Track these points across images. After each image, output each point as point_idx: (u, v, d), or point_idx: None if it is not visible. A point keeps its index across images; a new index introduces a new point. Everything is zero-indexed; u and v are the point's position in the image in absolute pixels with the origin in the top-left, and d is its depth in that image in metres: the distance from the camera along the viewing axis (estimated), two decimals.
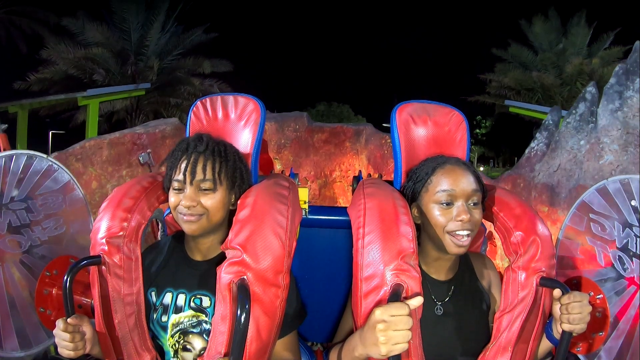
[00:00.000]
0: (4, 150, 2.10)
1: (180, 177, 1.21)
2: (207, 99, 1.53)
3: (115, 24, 12.10)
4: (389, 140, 5.33)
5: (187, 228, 1.21)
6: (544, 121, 4.51)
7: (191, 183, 1.20)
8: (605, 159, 3.57)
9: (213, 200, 1.21)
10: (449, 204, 1.20)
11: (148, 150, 4.71)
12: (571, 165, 3.76)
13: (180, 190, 1.22)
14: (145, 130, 4.92)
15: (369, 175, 1.64)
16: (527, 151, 4.39)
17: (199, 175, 1.20)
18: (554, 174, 3.87)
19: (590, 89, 4.00)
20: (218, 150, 1.26)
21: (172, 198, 1.23)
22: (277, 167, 5.28)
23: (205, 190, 1.21)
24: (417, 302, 1.00)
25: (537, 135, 4.37)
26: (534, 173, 4.08)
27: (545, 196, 3.93)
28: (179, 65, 12.74)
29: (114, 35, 11.97)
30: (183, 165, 1.21)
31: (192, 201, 1.19)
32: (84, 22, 11.62)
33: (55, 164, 1.90)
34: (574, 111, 4.01)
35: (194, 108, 1.53)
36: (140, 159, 4.65)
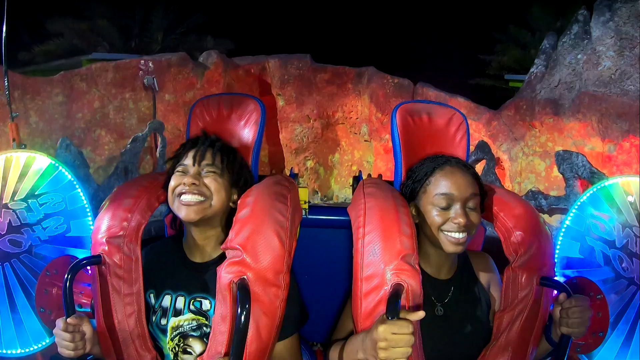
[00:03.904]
0: (14, 140, 2.09)
1: (187, 161, 1.23)
2: (208, 99, 1.54)
3: (119, 1, 12.14)
4: (391, 80, 5.29)
5: (184, 213, 1.20)
6: (540, 46, 4.65)
7: (199, 164, 1.22)
8: (604, 65, 3.73)
9: (216, 183, 1.22)
10: (447, 207, 1.20)
11: (153, 75, 4.76)
12: (571, 78, 3.91)
13: (183, 173, 1.23)
14: (152, 58, 5.00)
15: (369, 175, 1.64)
16: (526, 77, 4.52)
17: (208, 160, 1.22)
18: (555, 89, 4.01)
19: (582, 11, 4.26)
20: (226, 147, 1.30)
21: (173, 181, 1.23)
22: (280, 103, 5.24)
23: (210, 172, 1.22)
24: (419, 316, 0.99)
25: (536, 60, 4.52)
26: (535, 92, 4.21)
27: (549, 109, 4.03)
28: (182, 42, 12.78)
29: (118, 12, 12.02)
30: (192, 153, 1.24)
31: (194, 179, 1.19)
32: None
33: (56, 163, 1.90)
34: (568, 32, 4.26)
35: (195, 107, 1.53)
36: (145, 81, 4.70)
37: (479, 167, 3.62)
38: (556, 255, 1.79)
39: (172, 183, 1.23)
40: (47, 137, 4.36)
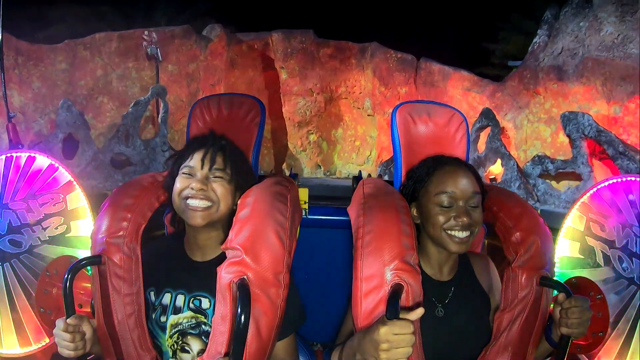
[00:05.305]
0: (11, 140, 2.09)
1: (194, 163, 1.21)
2: (208, 99, 1.54)
3: None
4: (394, 55, 5.28)
5: (191, 217, 1.20)
6: (543, 17, 4.69)
7: (210, 169, 1.20)
8: (606, 31, 3.78)
9: (224, 189, 1.21)
10: (449, 206, 1.20)
11: (156, 46, 4.77)
12: (574, 45, 3.96)
13: (190, 175, 1.22)
14: (156, 29, 5.02)
15: (369, 175, 1.64)
16: (530, 48, 4.55)
17: (219, 165, 1.21)
18: (559, 56, 4.06)
19: None
20: (236, 151, 1.29)
21: (179, 183, 1.22)
22: (283, 76, 5.23)
23: (218, 177, 1.21)
24: (419, 313, 0.99)
25: (539, 31, 4.56)
26: (539, 61, 4.26)
27: (553, 75, 4.07)
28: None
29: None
30: (199, 155, 1.22)
31: (203, 184, 1.19)
32: None
33: (56, 163, 1.90)
34: (570, 1, 4.36)
35: (195, 107, 1.54)
36: (148, 50, 4.71)
37: (484, 135, 3.59)
38: (556, 255, 1.79)
39: (177, 185, 1.22)
40: (49, 102, 4.36)
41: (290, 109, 5.40)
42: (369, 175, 1.63)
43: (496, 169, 3.50)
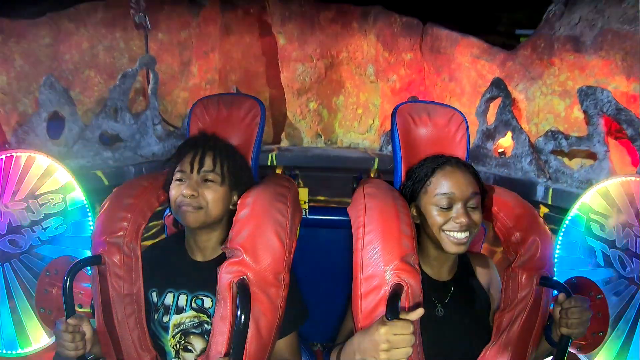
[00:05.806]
0: None
1: (185, 167, 1.21)
2: (208, 99, 1.54)
3: None
4: (399, 19, 5.18)
5: (184, 219, 1.20)
6: None
7: (198, 172, 1.20)
8: (627, 2, 3.53)
9: (214, 194, 1.21)
10: (448, 207, 1.20)
11: (145, 13, 4.62)
12: (593, 15, 3.72)
13: (182, 181, 1.22)
14: None
15: (375, 173, 1.64)
16: (544, 16, 4.35)
17: (208, 167, 1.21)
18: (576, 26, 3.82)
19: None
20: (226, 149, 1.27)
21: (173, 190, 1.22)
22: (281, 42, 5.12)
23: (208, 181, 1.21)
24: (419, 313, 0.99)
25: None
26: (554, 30, 4.03)
27: (569, 45, 3.86)
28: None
29: None
30: (189, 158, 1.22)
31: (193, 190, 1.18)
32: None
33: (56, 164, 1.90)
34: None
35: (194, 108, 1.54)
36: (136, 19, 4.54)
37: (494, 105, 3.48)
38: (556, 255, 1.79)
39: (172, 192, 1.23)
40: (34, 79, 4.20)
41: (289, 76, 5.20)
42: (375, 173, 1.63)
43: (505, 142, 3.37)
